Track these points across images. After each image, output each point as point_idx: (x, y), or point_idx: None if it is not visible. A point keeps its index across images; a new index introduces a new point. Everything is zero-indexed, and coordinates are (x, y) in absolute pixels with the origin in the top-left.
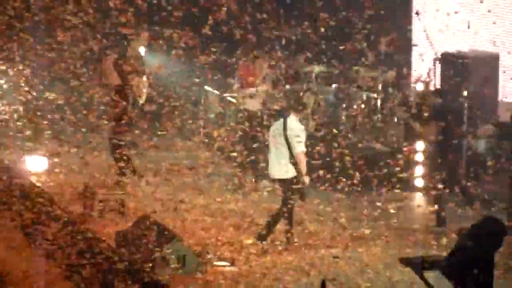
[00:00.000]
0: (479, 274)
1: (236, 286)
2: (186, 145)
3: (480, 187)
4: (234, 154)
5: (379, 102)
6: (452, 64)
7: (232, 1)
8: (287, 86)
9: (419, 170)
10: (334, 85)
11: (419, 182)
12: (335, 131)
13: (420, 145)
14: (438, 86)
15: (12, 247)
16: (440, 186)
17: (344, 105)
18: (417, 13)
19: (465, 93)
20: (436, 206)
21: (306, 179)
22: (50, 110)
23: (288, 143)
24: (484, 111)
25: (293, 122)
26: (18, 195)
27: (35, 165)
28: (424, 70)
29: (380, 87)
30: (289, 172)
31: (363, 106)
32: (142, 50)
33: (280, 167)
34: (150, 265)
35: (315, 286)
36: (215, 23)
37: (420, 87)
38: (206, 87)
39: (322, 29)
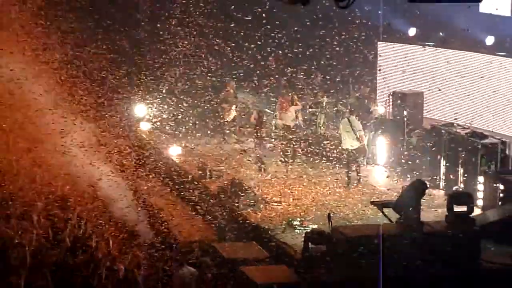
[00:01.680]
0: (411, 210)
1: (279, 216)
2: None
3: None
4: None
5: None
6: (398, 96)
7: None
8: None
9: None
10: (334, 109)
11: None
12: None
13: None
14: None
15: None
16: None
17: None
18: (379, 70)
19: (405, 112)
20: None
21: None
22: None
23: None
24: (415, 122)
25: None
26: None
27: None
28: (383, 100)
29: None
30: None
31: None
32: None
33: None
34: (238, 203)
35: (325, 217)
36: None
37: (381, 109)
38: (265, 109)
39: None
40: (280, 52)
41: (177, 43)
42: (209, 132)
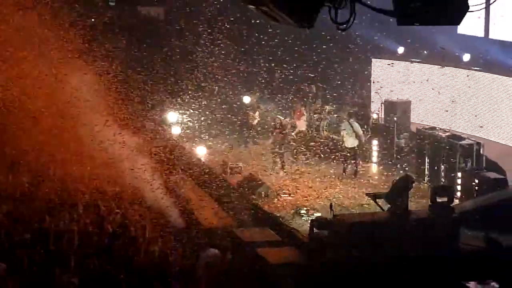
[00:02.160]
0: (400, 201)
1: (289, 206)
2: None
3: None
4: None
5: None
6: (389, 105)
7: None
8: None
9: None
10: (335, 115)
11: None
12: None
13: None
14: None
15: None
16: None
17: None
18: (373, 82)
19: (395, 118)
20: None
21: None
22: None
23: None
24: (403, 127)
25: None
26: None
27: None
28: (376, 107)
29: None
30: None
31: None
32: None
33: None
34: (254, 194)
35: (327, 206)
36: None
37: (374, 116)
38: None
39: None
40: (287, 67)
41: (206, 59)
42: (227, 134)
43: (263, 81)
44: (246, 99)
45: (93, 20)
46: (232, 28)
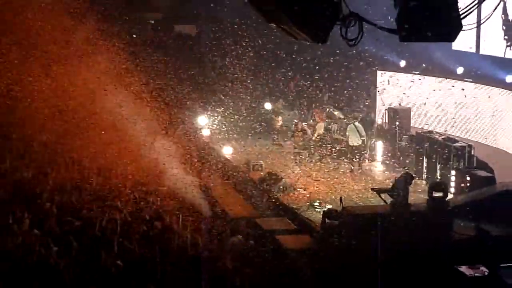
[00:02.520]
0: (401, 195)
1: (304, 199)
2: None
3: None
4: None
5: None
6: (392, 111)
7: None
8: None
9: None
10: (345, 120)
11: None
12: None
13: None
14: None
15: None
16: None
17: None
18: (378, 91)
19: (397, 123)
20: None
21: None
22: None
23: None
24: (404, 130)
25: None
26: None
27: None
28: (381, 114)
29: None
30: None
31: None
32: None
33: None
34: (274, 189)
35: (337, 200)
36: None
37: (379, 121)
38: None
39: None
40: (304, 79)
41: (233, 70)
42: (251, 136)
43: (285, 90)
44: (268, 105)
45: (134, 36)
46: (256, 43)
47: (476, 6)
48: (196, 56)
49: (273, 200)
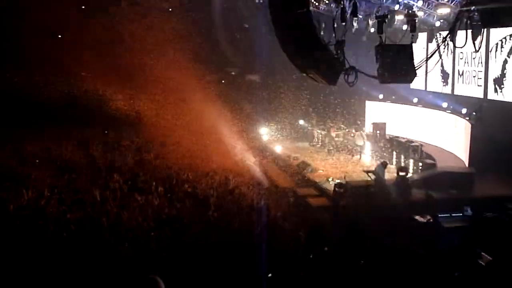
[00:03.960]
0: (380, 175)
1: (323, 176)
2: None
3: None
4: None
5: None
6: (375, 125)
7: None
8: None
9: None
10: (347, 130)
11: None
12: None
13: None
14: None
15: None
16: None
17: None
18: (366, 113)
19: (378, 132)
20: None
21: None
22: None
23: None
24: (382, 137)
25: None
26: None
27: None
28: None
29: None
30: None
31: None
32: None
33: None
34: (305, 171)
35: (343, 177)
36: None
37: (367, 131)
38: (318, 130)
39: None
40: (321, 106)
41: (280, 103)
42: (291, 140)
43: (313, 113)
44: (301, 122)
45: (223, 82)
46: (294, 87)
47: (425, 62)
48: (260, 94)
49: (305, 177)
